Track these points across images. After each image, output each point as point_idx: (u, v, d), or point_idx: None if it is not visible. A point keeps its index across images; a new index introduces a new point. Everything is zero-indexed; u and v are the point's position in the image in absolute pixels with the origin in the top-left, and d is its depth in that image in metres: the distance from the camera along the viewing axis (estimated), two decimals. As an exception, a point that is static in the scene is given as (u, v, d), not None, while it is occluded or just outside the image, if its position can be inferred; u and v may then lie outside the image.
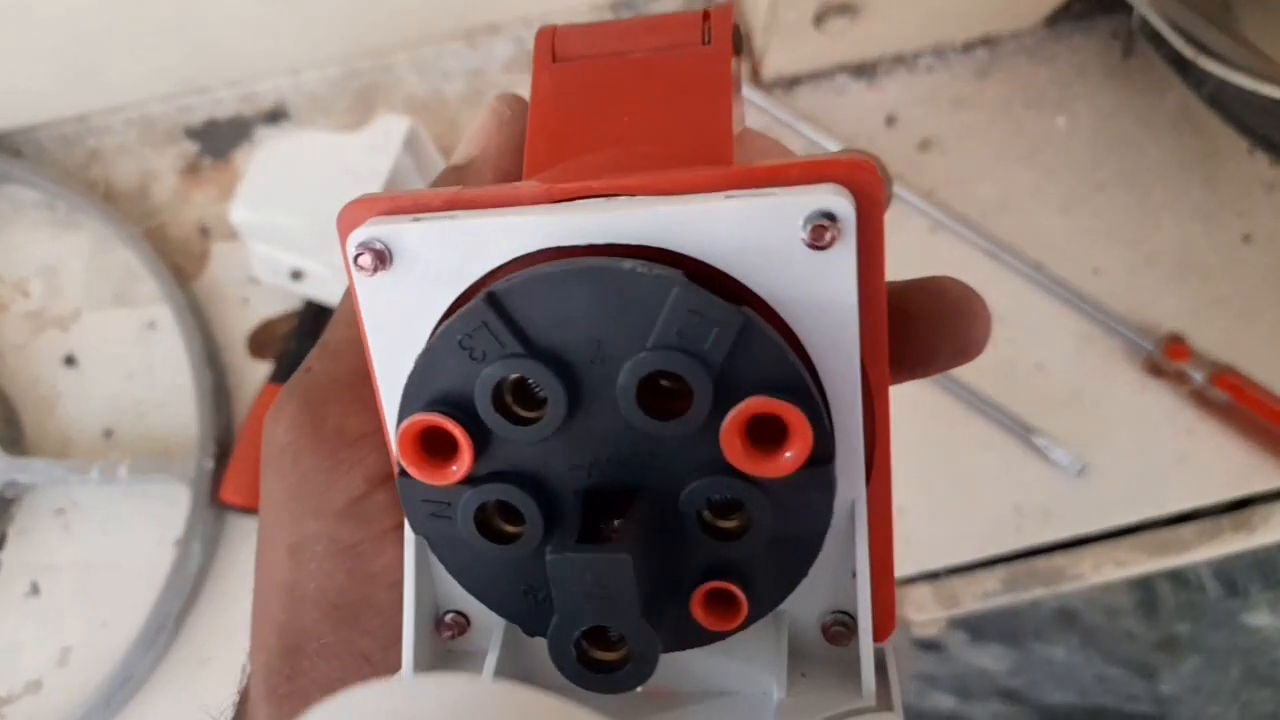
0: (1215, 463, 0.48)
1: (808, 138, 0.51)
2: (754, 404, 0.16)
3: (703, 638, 0.19)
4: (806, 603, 0.20)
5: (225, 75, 0.52)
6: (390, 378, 0.19)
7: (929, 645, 1.02)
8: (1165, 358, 0.48)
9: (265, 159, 0.46)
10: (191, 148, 0.52)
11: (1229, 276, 0.50)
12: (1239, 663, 1.04)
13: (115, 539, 0.48)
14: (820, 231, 0.16)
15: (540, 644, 0.19)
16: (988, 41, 0.53)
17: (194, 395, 0.48)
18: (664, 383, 0.17)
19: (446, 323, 0.17)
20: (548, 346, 0.17)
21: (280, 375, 0.49)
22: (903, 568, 0.48)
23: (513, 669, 0.20)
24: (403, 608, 0.21)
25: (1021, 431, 0.48)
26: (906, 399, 0.49)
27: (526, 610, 0.19)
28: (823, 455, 0.17)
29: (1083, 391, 0.49)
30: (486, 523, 0.18)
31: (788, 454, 0.16)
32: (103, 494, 0.49)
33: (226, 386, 0.50)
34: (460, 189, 0.19)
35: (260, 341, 0.50)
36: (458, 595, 0.20)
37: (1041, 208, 0.51)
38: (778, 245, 0.17)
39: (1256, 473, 0.48)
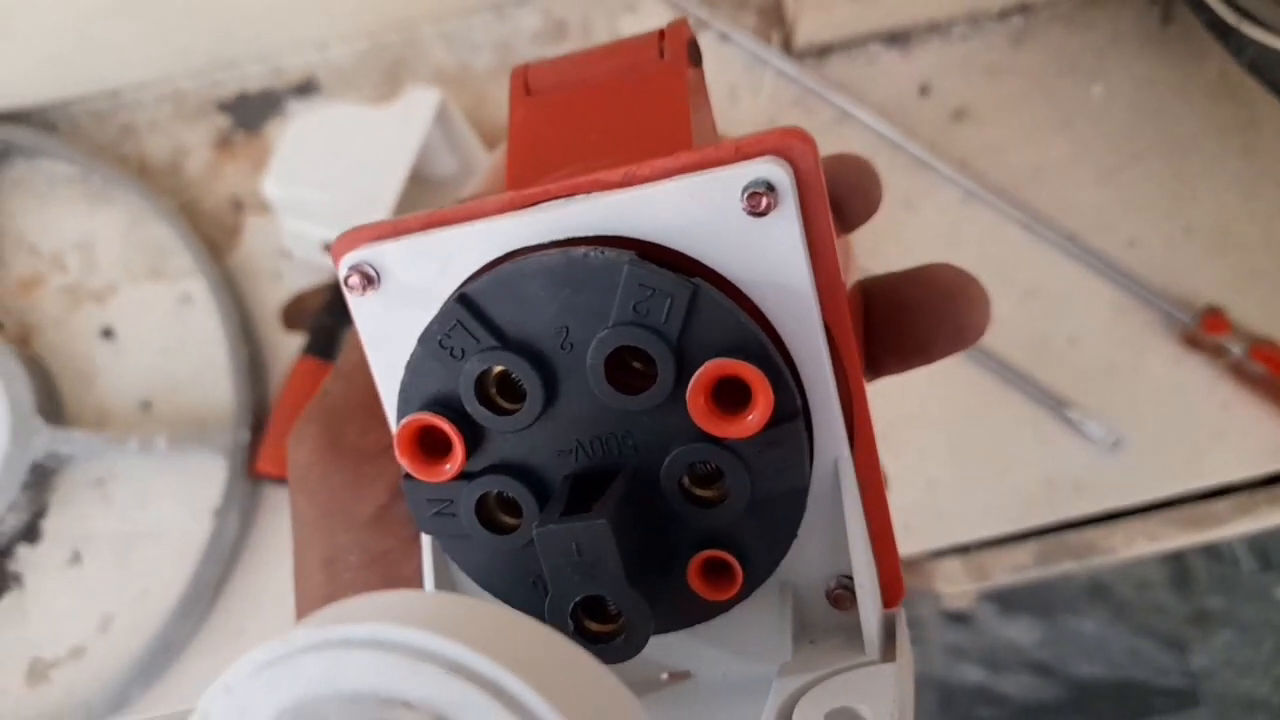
0: (1252, 437, 0.48)
1: (839, 107, 0.51)
2: (712, 367, 0.17)
3: (706, 611, 0.19)
4: (810, 570, 0.20)
5: (254, 50, 0.52)
6: (392, 390, 0.20)
7: (958, 617, 1.01)
8: (1202, 330, 0.47)
9: (297, 133, 0.47)
10: (223, 121, 0.53)
11: (1267, 248, 0.49)
12: (1272, 637, 1.03)
13: (154, 509, 0.49)
14: (757, 199, 0.18)
15: None
16: (1023, 8, 0.52)
17: (229, 368, 0.49)
18: (635, 364, 0.18)
19: (424, 329, 0.19)
20: (520, 338, 0.18)
21: (313, 348, 0.49)
22: (933, 540, 0.48)
23: None
24: None
25: (1054, 405, 0.48)
26: (938, 374, 0.48)
27: (535, 600, 0.20)
28: (787, 412, 0.18)
29: (1117, 365, 0.49)
30: (489, 516, 0.19)
31: (751, 414, 0.17)
32: (141, 465, 0.49)
33: (261, 359, 0.50)
34: (435, 210, 0.20)
35: (292, 315, 0.50)
36: (470, 591, 0.21)
37: (1076, 178, 0.50)
38: (721, 219, 0.18)
39: (1294, 447, 0.47)
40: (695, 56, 0.23)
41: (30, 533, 0.49)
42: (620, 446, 0.19)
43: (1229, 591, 1.03)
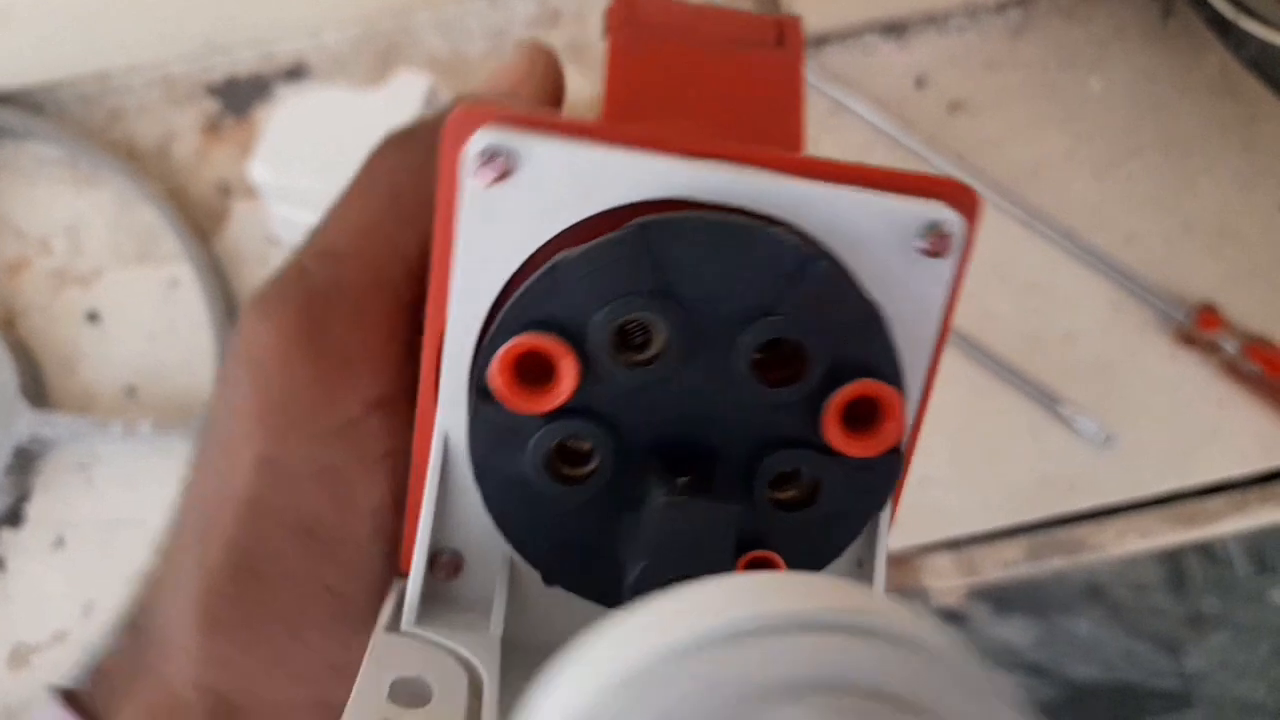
0: (1245, 434, 0.47)
1: (834, 99, 0.50)
2: (864, 386, 0.18)
3: None
4: None
5: (247, 34, 0.52)
6: (468, 294, 0.19)
7: (952, 616, 1.01)
8: (1197, 327, 0.47)
9: (284, 117, 0.46)
10: (212, 106, 0.52)
11: (1266, 245, 0.49)
12: (1267, 639, 1.03)
13: (138, 495, 0.49)
14: (940, 241, 0.18)
15: (540, 596, 0.20)
16: (1022, 1, 0.51)
17: (215, 354, 0.49)
18: (756, 354, 0.18)
19: (589, 245, 0.17)
20: (680, 293, 0.17)
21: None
22: (923, 535, 0.48)
23: (513, 620, 0.20)
24: (384, 545, 0.21)
25: (1047, 401, 0.47)
26: (930, 366, 0.48)
27: (557, 558, 0.20)
28: (901, 441, 0.18)
29: (1112, 361, 0.48)
30: (549, 462, 0.18)
31: (879, 437, 0.18)
32: (125, 450, 0.49)
33: (247, 345, 0.50)
34: (582, 118, 0.19)
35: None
36: (457, 534, 0.20)
37: (1074, 173, 0.50)
38: (888, 244, 0.18)
39: (1288, 446, 0.47)
40: None
41: (13, 517, 0.49)
42: (720, 428, 0.19)
43: (1224, 594, 1.03)
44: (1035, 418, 0.48)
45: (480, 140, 0.17)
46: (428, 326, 0.19)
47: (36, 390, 0.49)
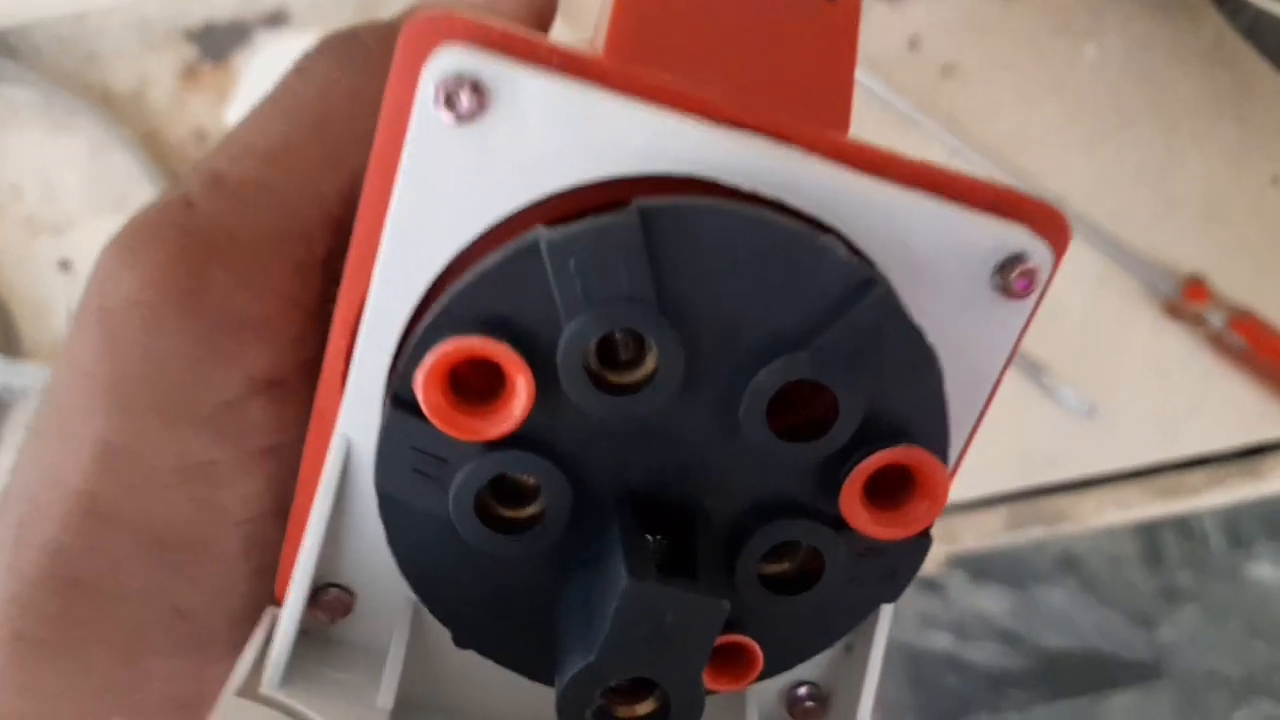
0: (1228, 408, 0.47)
1: (826, 60, 0.49)
2: (901, 453, 0.14)
3: None
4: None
5: (227, -23, 0.51)
6: (403, 268, 0.14)
7: (929, 585, 1.02)
8: (1184, 300, 0.47)
9: (263, 65, 0.45)
10: (189, 51, 0.51)
11: (1254, 219, 0.49)
12: (1238, 615, 1.04)
13: (110, 448, 0.48)
14: (1024, 278, 0.14)
15: (448, 655, 0.16)
16: (1018, -36, 0.50)
17: (190, 306, 0.48)
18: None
19: (574, 227, 0.13)
20: (680, 306, 0.13)
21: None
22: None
23: (412, 676, 0.16)
24: (252, 559, 0.17)
25: (1031, 370, 0.47)
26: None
27: (474, 618, 0.16)
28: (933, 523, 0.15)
29: (1097, 332, 0.48)
30: (478, 501, 0.15)
31: (912, 514, 0.14)
32: (98, 402, 0.48)
33: (223, 298, 0.49)
34: (581, 49, 0.14)
35: (257, 253, 0.49)
36: (350, 566, 0.16)
37: (1064, 141, 0.49)
38: (958, 274, 0.14)
39: (1271, 420, 0.47)
40: None
41: (-17, 468, 0.48)
42: (709, 482, 0.15)
43: (1198, 568, 1.04)
44: (1018, 387, 0.48)
45: (446, 61, 0.13)
46: (342, 295, 0.15)
47: (7, 340, 0.48)
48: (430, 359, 0.13)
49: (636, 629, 0.13)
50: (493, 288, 0.13)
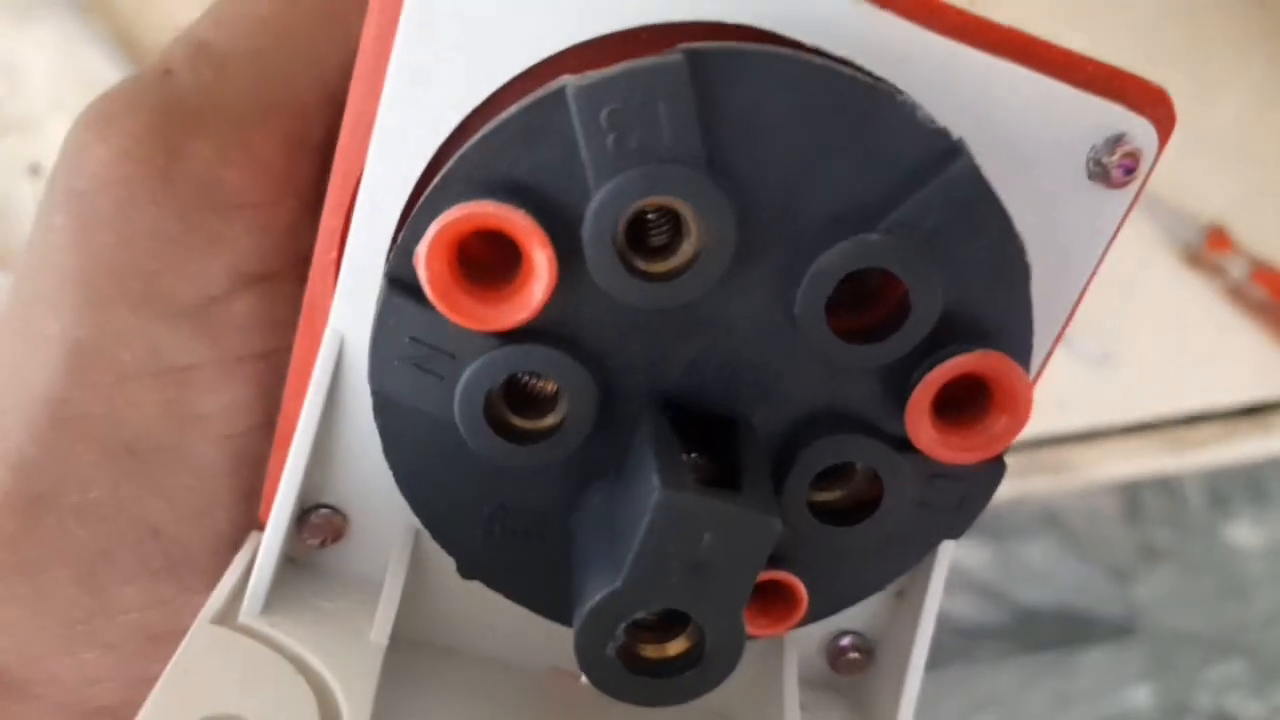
0: (1244, 361, 0.47)
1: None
2: (979, 359, 0.12)
3: None
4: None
5: None
6: (404, 130, 0.12)
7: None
8: (1206, 249, 0.45)
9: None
10: (170, -57, 0.48)
11: (1281, 165, 0.47)
12: (1214, 575, 1.04)
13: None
14: (1127, 162, 0.13)
15: (451, 587, 0.14)
16: (1051, -112, 0.48)
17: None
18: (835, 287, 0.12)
19: (607, 73, 0.11)
20: (732, 172, 0.11)
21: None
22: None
23: (410, 610, 0.15)
24: (230, 476, 0.15)
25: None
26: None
27: (481, 544, 0.14)
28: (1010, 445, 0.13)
29: (1114, 277, 0.47)
30: (490, 403, 0.13)
31: (988, 434, 0.12)
32: (66, 315, 0.46)
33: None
34: None
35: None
36: (343, 484, 0.15)
37: (1091, 76, 0.47)
38: (1052, 155, 0.13)
39: (1286, 375, 0.46)
40: None
41: (-57, 379, 0.46)
42: (756, 387, 0.13)
43: (1177, 526, 1.04)
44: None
45: None
46: (336, 167, 0.13)
47: (-31, 244, 0.46)
48: (434, 229, 0.11)
49: (669, 549, 0.11)
50: (510, 145, 0.11)
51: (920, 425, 0.12)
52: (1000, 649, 1.04)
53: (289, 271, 0.15)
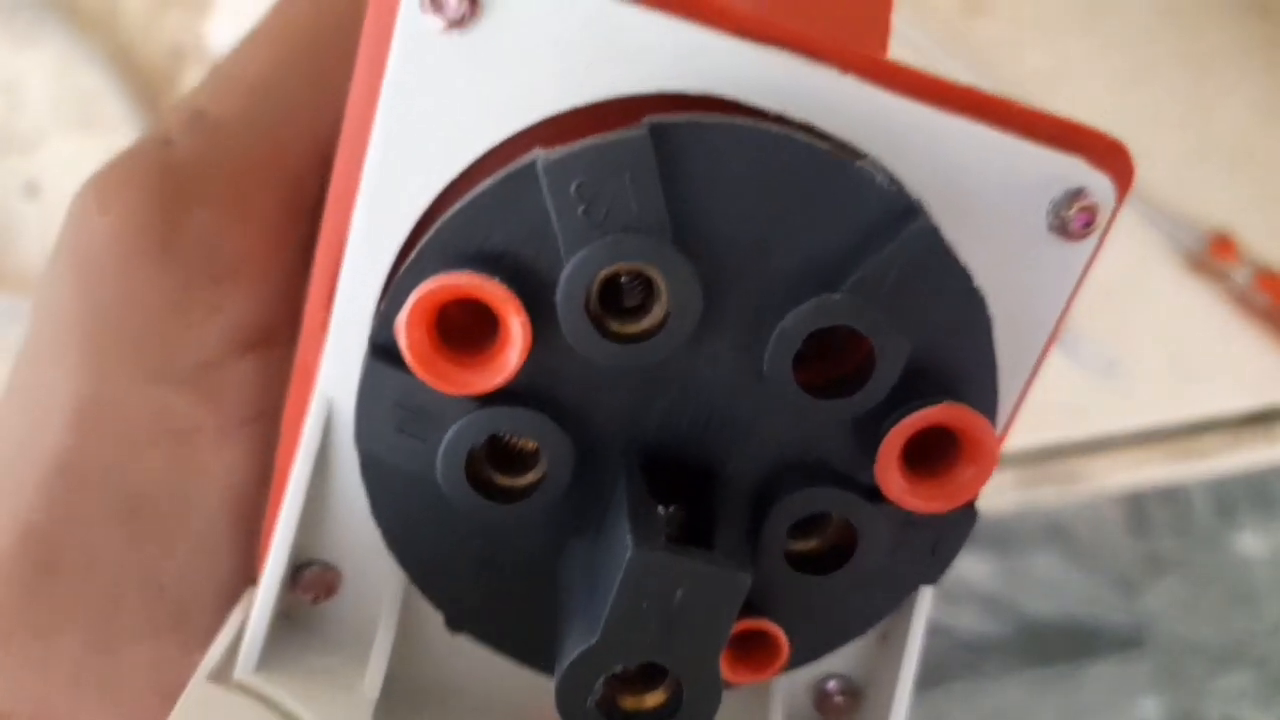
0: (1250, 368, 0.46)
1: (844, -8, 0.47)
2: (944, 412, 0.12)
3: None
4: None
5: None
6: (388, 200, 0.13)
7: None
8: (1209, 255, 0.45)
9: (247, -27, 0.42)
10: (168, -37, 0.48)
11: (1283, 172, 0.47)
12: (1221, 585, 1.04)
13: (78, 383, 0.46)
14: (1085, 215, 0.13)
15: (440, 640, 0.15)
16: (1048, -102, 0.48)
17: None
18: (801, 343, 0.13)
19: (577, 147, 0.12)
20: (697, 238, 0.12)
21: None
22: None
23: (401, 663, 0.15)
24: (232, 532, 0.15)
25: (1049, 324, 0.46)
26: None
27: (468, 598, 0.14)
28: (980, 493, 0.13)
29: (1117, 285, 0.46)
30: (471, 463, 0.13)
31: (956, 483, 0.13)
32: (65, 335, 0.46)
33: (200, 227, 0.46)
34: None
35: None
36: (335, 541, 0.15)
37: (1091, 84, 0.47)
38: (1010, 210, 0.13)
39: (1293, 382, 0.46)
40: None
41: (-58, 401, 0.46)
42: (729, 441, 0.13)
43: (1184, 536, 1.04)
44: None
45: None
46: (323, 233, 0.14)
47: (-33, 265, 0.46)
48: (412, 300, 0.12)
49: (644, 606, 0.12)
50: (484, 217, 0.12)
51: (889, 476, 0.13)
52: (1007, 662, 1.04)
53: (286, 332, 0.16)
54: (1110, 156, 0.13)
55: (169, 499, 0.16)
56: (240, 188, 0.15)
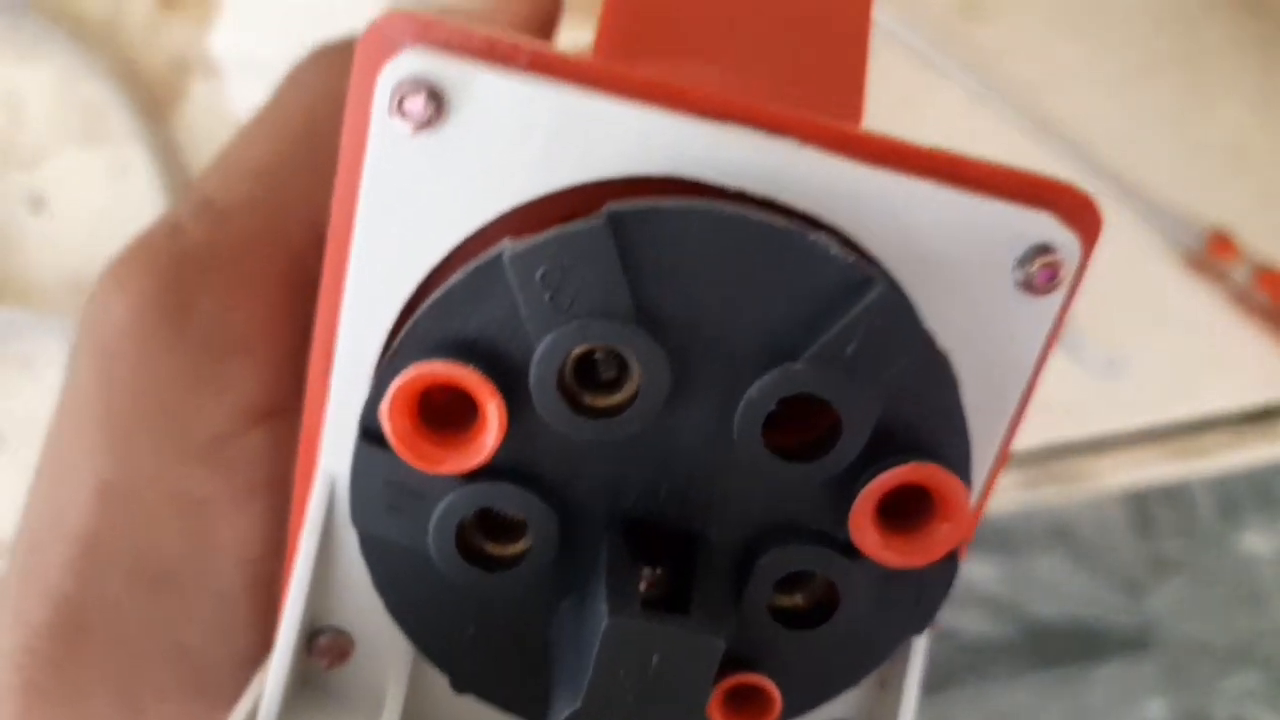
0: (1251, 367, 0.46)
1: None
2: (915, 471, 0.13)
3: None
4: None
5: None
6: (369, 288, 0.14)
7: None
8: (1208, 254, 0.45)
9: (248, -15, 0.42)
10: (169, -24, 0.48)
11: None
12: (1227, 585, 1.04)
13: (84, 394, 0.46)
14: (1049, 271, 0.13)
15: (449, 701, 0.15)
16: (1042, -99, 0.48)
17: (169, 245, 0.46)
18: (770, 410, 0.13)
19: (539, 239, 0.12)
20: (660, 316, 0.12)
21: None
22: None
23: None
24: (250, 596, 0.16)
25: (1050, 324, 0.46)
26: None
27: (468, 661, 0.15)
28: (959, 546, 0.14)
29: (1116, 284, 0.46)
30: (461, 534, 0.14)
31: (936, 539, 0.13)
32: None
33: (204, 237, 0.47)
34: (550, 48, 0.14)
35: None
36: (345, 608, 0.16)
37: (1088, 85, 0.48)
38: (975, 269, 0.13)
39: (1293, 379, 0.46)
40: None
41: (-52, 414, 0.46)
42: (707, 507, 0.14)
43: (1188, 536, 1.04)
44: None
45: (403, 65, 0.12)
46: (317, 321, 0.15)
47: (-27, 278, 0.46)
48: (393, 388, 0.12)
49: (621, 672, 0.12)
50: (458, 307, 0.13)
51: (864, 534, 0.13)
52: (1013, 665, 1.04)
53: (293, 402, 0.16)
54: (1077, 210, 0.14)
55: (188, 568, 0.17)
56: (245, 269, 0.16)
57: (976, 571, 1.04)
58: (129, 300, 0.16)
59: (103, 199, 0.47)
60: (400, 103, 0.13)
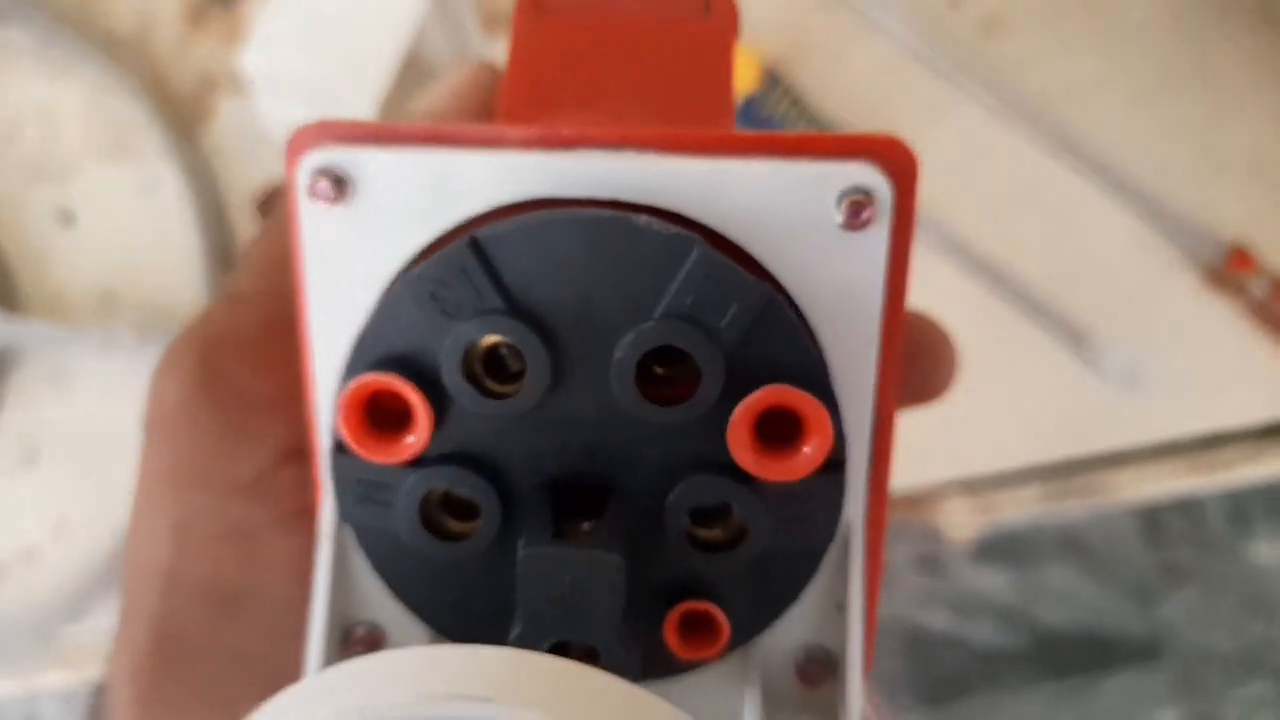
0: (1271, 380, 0.46)
1: (860, 11, 0.47)
2: (773, 393, 0.15)
3: (672, 667, 0.17)
4: (781, 637, 0.18)
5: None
6: (326, 333, 0.17)
7: (928, 562, 1.01)
8: (1228, 268, 0.46)
9: (281, 4, 0.43)
10: (198, -7, 0.49)
11: (1299, 185, 0.48)
12: (1238, 594, 1.04)
13: (115, 407, 0.46)
14: (858, 208, 0.15)
15: None
16: (1061, -81, 0.49)
17: (199, 259, 0.46)
18: (657, 369, 0.16)
19: (417, 268, 0.15)
20: (532, 308, 0.15)
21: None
22: (935, 473, 0.46)
23: None
24: (303, 605, 0.18)
25: (1069, 336, 0.46)
26: (949, 296, 0.46)
27: (462, 622, 0.17)
28: (837, 460, 0.16)
29: (1136, 298, 0.47)
30: (428, 515, 0.17)
31: (802, 456, 0.15)
32: (103, 360, 0.46)
33: (233, 251, 0.47)
34: (434, 123, 0.17)
35: (268, 204, 0.47)
36: (373, 604, 0.18)
37: (1107, 100, 0.48)
38: (803, 221, 0.16)
39: (1313, 392, 0.46)
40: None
41: (-21, 427, 0.46)
42: (615, 459, 0.16)
43: (1199, 546, 1.04)
44: (1053, 353, 0.46)
45: (309, 161, 0.16)
46: (302, 368, 0.17)
47: (6, 294, 0.46)
48: (340, 400, 0.16)
49: (542, 594, 0.15)
50: (380, 330, 0.16)
51: (743, 453, 0.15)
52: (1024, 674, 1.03)
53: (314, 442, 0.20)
54: (889, 154, 0.16)
55: (247, 586, 0.20)
56: (257, 343, 0.20)
57: (987, 581, 1.04)
58: (176, 380, 0.19)
59: (132, 214, 0.47)
60: (311, 188, 0.16)
